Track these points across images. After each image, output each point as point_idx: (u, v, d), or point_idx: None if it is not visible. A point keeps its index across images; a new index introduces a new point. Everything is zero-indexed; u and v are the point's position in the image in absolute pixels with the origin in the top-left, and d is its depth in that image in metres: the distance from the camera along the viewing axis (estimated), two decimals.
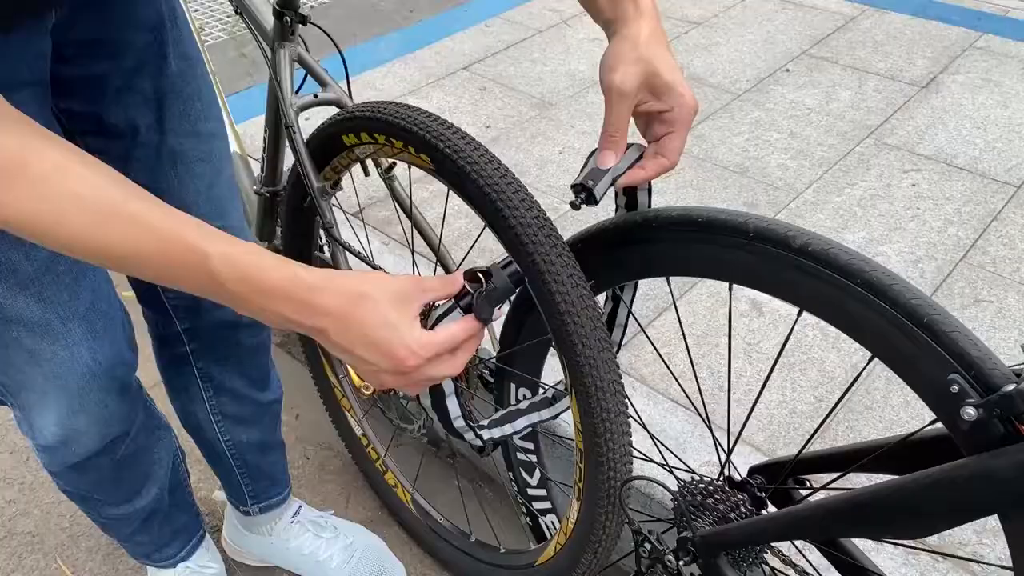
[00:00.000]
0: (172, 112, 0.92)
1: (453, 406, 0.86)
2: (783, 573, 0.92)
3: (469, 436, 0.89)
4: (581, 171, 0.78)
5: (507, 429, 0.93)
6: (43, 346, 0.87)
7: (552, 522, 1.19)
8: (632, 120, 0.77)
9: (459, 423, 0.87)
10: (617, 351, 0.93)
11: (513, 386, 1.07)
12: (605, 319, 0.95)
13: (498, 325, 0.99)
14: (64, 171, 0.60)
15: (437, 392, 0.84)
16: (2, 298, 0.83)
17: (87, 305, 0.89)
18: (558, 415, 0.95)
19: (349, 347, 0.66)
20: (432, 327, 0.69)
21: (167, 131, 0.93)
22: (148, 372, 1.10)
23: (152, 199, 0.63)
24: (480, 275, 0.71)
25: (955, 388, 0.63)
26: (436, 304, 0.72)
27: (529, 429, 0.96)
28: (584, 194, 0.76)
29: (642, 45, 0.74)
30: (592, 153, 0.78)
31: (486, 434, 0.90)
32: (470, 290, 0.70)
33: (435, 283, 0.70)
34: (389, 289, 0.66)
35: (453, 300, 0.70)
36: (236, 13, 1.28)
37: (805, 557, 0.96)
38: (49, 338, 0.87)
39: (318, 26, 1.17)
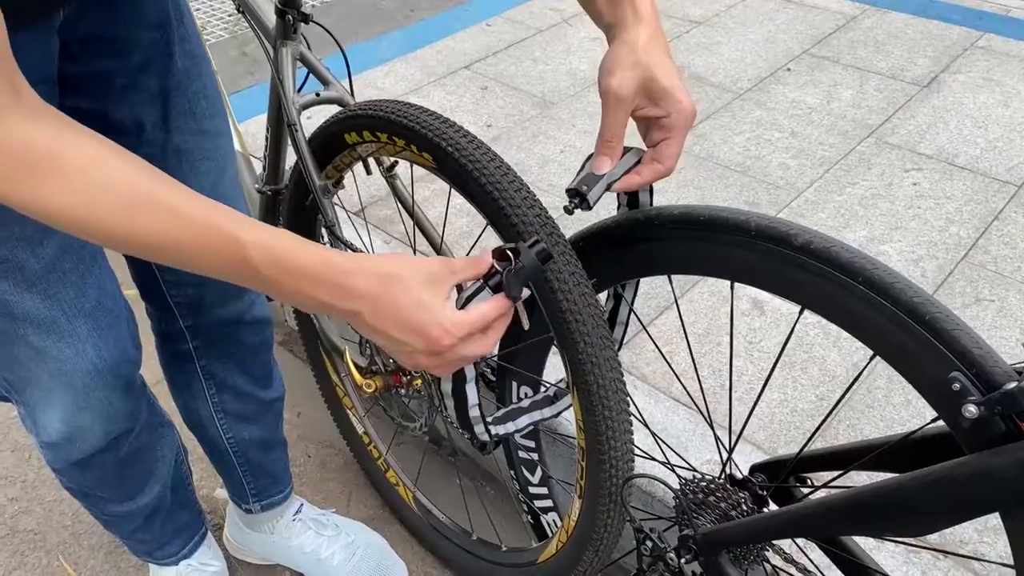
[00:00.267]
0: (178, 110, 0.93)
1: (472, 393, 0.87)
2: (784, 571, 0.92)
3: (479, 428, 0.89)
4: (577, 175, 0.78)
5: (510, 427, 0.93)
6: (49, 343, 0.87)
7: (554, 520, 1.19)
8: (634, 123, 0.78)
9: (474, 412, 0.88)
10: (619, 349, 0.93)
11: (515, 384, 1.07)
12: (607, 317, 0.95)
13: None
14: (97, 162, 0.61)
15: (459, 377, 0.85)
16: (9, 295, 0.83)
17: (93, 303, 0.89)
18: (559, 413, 0.95)
19: (383, 329, 0.67)
20: (462, 308, 0.70)
21: (172, 129, 0.93)
22: (151, 370, 1.10)
23: (182, 187, 0.64)
24: (508, 252, 0.72)
25: (956, 386, 0.64)
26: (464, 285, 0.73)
27: (531, 427, 0.96)
28: (578, 199, 0.76)
29: (640, 50, 0.74)
30: (589, 157, 0.78)
31: (493, 430, 0.91)
32: (498, 268, 0.71)
33: (464, 264, 0.71)
34: (420, 271, 0.67)
35: (482, 280, 0.71)
36: (238, 11, 1.28)
37: (806, 555, 0.96)
38: (55, 335, 0.87)
39: (320, 24, 1.17)
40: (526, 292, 0.72)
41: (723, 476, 0.89)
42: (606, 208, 0.87)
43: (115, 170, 0.61)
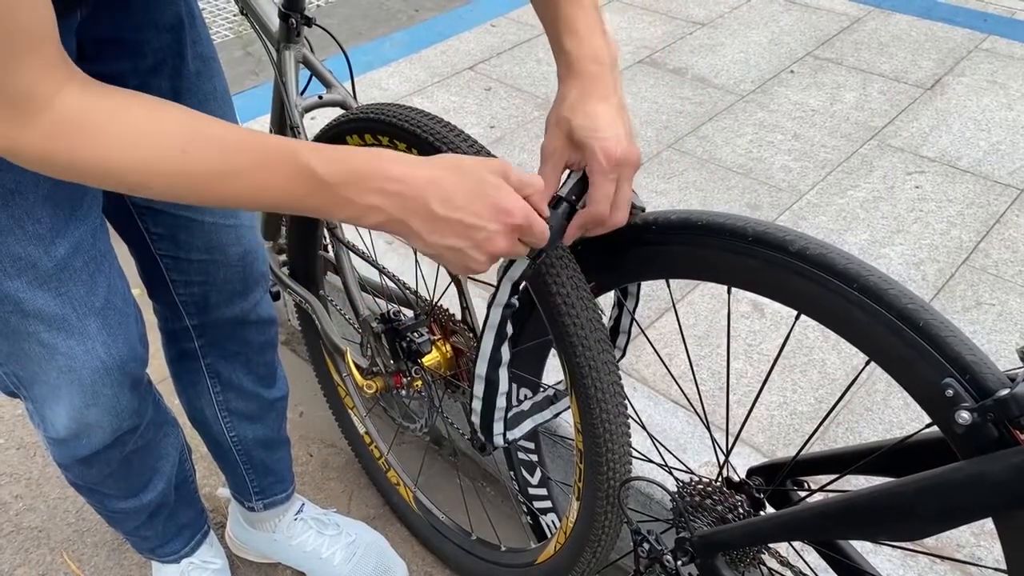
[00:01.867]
0: None
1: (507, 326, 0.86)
2: (780, 574, 0.92)
3: (502, 372, 0.89)
4: None
5: (516, 433, 0.94)
6: (59, 340, 0.88)
7: (553, 521, 1.20)
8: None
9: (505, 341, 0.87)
10: (621, 358, 0.94)
11: (515, 386, 1.07)
12: (611, 325, 0.95)
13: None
14: (149, 112, 0.64)
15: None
16: (22, 293, 0.84)
17: (103, 301, 0.90)
18: (559, 414, 0.96)
19: (453, 195, 0.66)
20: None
21: None
22: (156, 368, 1.11)
23: (226, 122, 0.67)
24: None
25: (950, 392, 0.64)
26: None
27: (532, 430, 0.97)
28: (541, 254, 0.77)
29: (565, 107, 0.76)
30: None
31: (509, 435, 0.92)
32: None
33: (524, 176, 0.72)
34: (482, 160, 0.70)
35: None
36: (241, 14, 1.28)
37: (803, 558, 0.97)
38: (65, 332, 0.88)
39: (323, 28, 1.17)
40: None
41: (720, 479, 0.90)
42: None
43: (168, 116, 0.65)
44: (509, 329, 0.84)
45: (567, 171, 0.79)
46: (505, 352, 0.85)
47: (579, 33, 0.76)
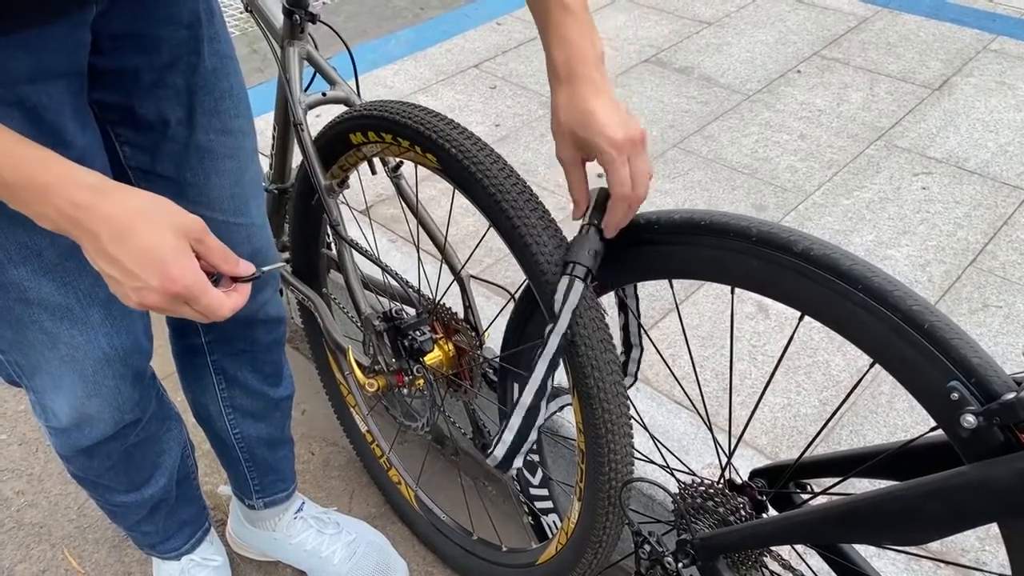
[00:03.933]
0: (203, 108, 0.93)
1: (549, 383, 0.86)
2: None
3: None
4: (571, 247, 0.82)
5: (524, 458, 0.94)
6: (61, 330, 0.89)
7: (554, 521, 1.19)
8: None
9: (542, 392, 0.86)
10: (625, 362, 0.93)
11: (516, 386, 1.07)
12: (622, 336, 0.95)
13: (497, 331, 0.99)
14: None
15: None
16: (26, 281, 0.84)
17: (108, 292, 0.90)
18: (562, 408, 0.96)
19: (118, 257, 0.67)
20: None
21: (196, 127, 0.94)
22: (160, 363, 1.11)
23: None
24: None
25: (955, 395, 0.63)
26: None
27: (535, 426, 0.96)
28: (590, 275, 0.80)
29: (561, 113, 0.78)
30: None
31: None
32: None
33: (218, 245, 0.72)
34: (181, 219, 0.69)
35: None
36: (246, 10, 1.28)
37: (805, 562, 0.96)
38: (68, 322, 0.88)
39: (328, 25, 1.17)
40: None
41: (722, 481, 0.89)
42: None
43: None
44: (560, 360, 0.84)
45: (594, 171, 0.80)
46: (550, 383, 0.86)
47: (570, 40, 0.78)
